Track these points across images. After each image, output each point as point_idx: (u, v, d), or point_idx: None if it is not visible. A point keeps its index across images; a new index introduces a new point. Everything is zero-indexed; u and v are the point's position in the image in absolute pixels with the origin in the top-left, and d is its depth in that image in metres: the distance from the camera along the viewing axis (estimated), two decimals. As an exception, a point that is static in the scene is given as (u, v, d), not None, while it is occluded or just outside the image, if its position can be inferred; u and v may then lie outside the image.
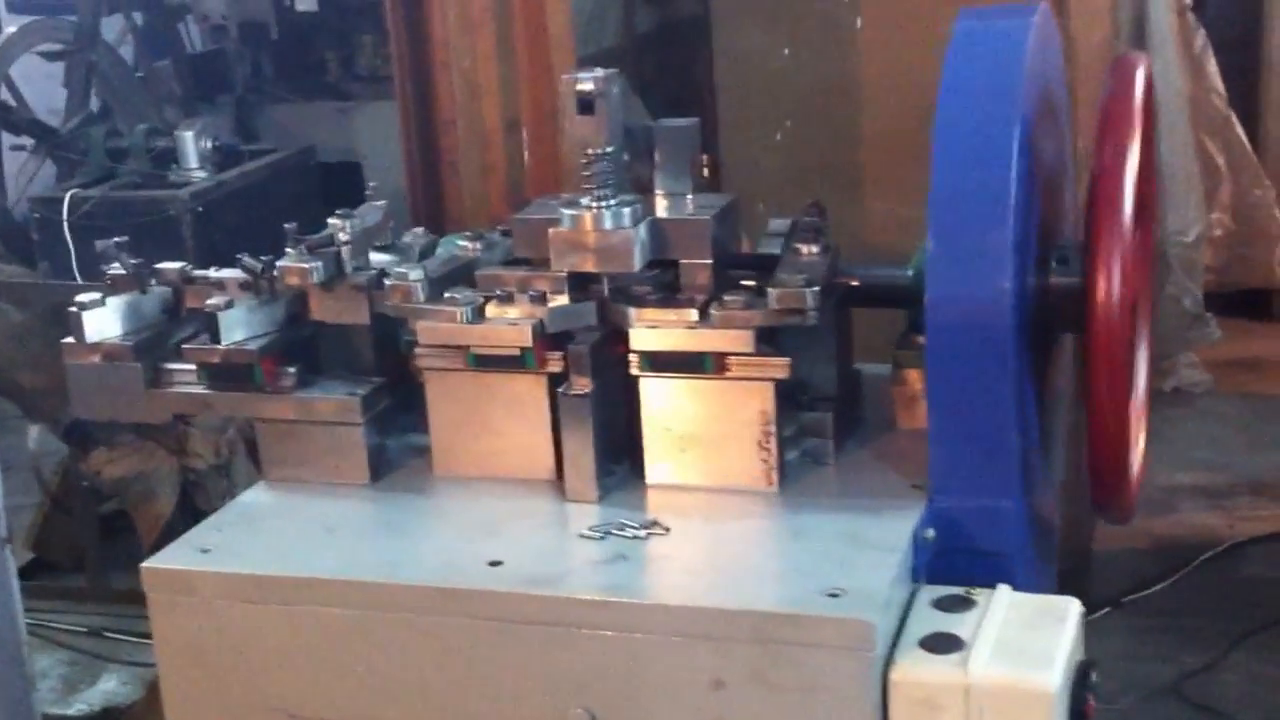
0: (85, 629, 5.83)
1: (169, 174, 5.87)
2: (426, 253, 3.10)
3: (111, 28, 6.65)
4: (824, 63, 5.70)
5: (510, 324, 2.70)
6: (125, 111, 6.27)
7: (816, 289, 2.58)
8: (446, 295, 2.75)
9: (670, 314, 2.66)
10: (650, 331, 2.65)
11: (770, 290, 2.59)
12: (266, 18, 6.63)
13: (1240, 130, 7.73)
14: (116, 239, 3.04)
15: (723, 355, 2.62)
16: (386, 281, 2.79)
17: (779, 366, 2.64)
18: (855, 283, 2.92)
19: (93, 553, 5.84)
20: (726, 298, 2.63)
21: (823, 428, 2.79)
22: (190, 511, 4.70)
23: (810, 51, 5.65)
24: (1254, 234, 7.62)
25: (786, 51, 5.62)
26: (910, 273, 2.93)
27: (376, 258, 3.03)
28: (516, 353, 2.70)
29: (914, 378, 2.88)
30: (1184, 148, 6.87)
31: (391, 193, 5.57)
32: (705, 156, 2.94)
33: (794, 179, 5.48)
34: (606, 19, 6.07)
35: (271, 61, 6.80)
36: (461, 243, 3.00)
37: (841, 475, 2.76)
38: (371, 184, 3.09)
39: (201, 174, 5.80)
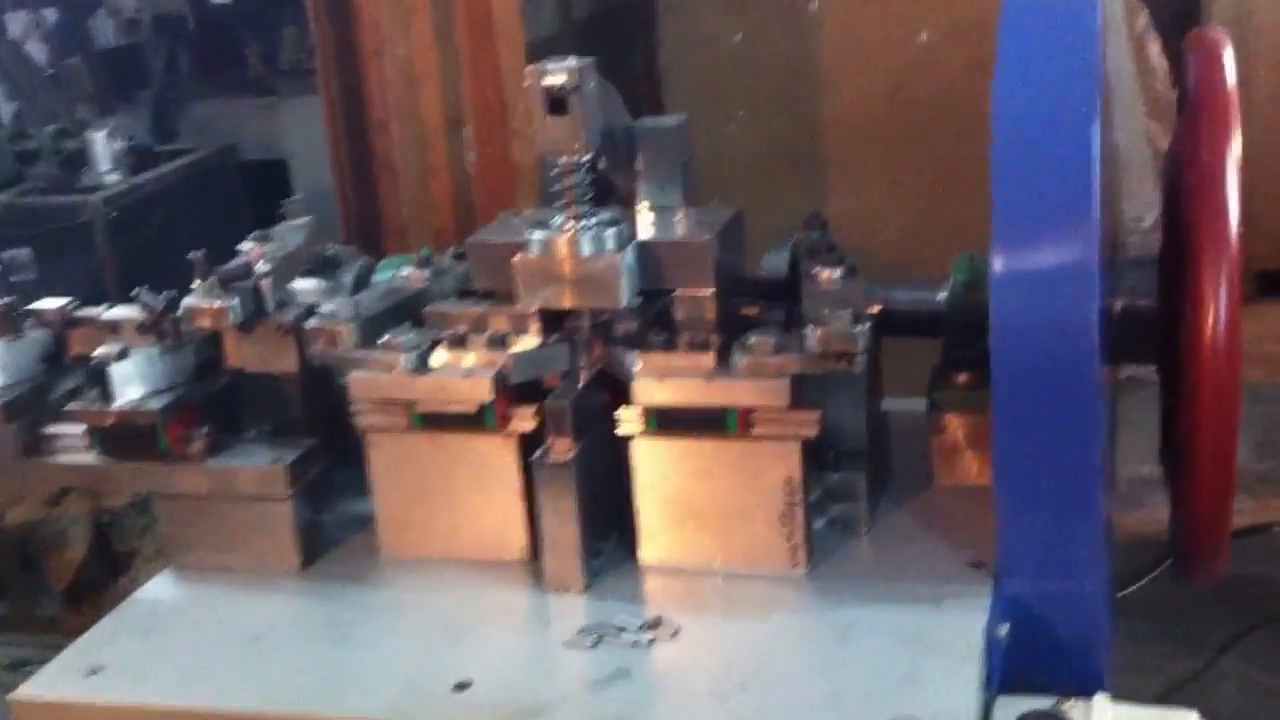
0: (7, 661, 5.10)
1: (80, 178, 5.15)
2: (362, 280, 2.43)
3: (18, 23, 5.88)
4: (780, 46, 5.04)
5: (464, 374, 2.03)
6: (34, 111, 5.53)
7: (867, 327, 1.94)
8: (384, 338, 2.08)
9: (682, 360, 2.02)
10: (658, 383, 1.99)
11: (811, 329, 1.94)
12: (182, 10, 5.91)
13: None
14: (18, 250, 2.31)
15: (748, 411, 1.97)
16: (310, 323, 2.11)
17: (808, 422, 2.00)
18: (876, 309, 2.28)
19: (14, 580, 5.09)
20: (752, 339, 1.98)
21: (854, 490, 2.16)
22: (105, 555, 4.00)
23: (765, 34, 5.00)
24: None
25: (739, 35, 4.96)
26: (944, 295, 2.30)
27: (302, 285, 2.36)
28: (473, 409, 2.04)
29: (955, 425, 2.26)
30: (1138, 132, 6.30)
31: (322, 194, 4.91)
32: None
33: (751, 171, 4.83)
34: (542, 4, 5.39)
35: (189, 56, 6.08)
36: (405, 269, 2.33)
37: (879, 549, 2.13)
38: (292, 197, 2.40)
39: (115, 177, 5.12)
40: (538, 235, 2.08)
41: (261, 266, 2.24)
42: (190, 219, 5.09)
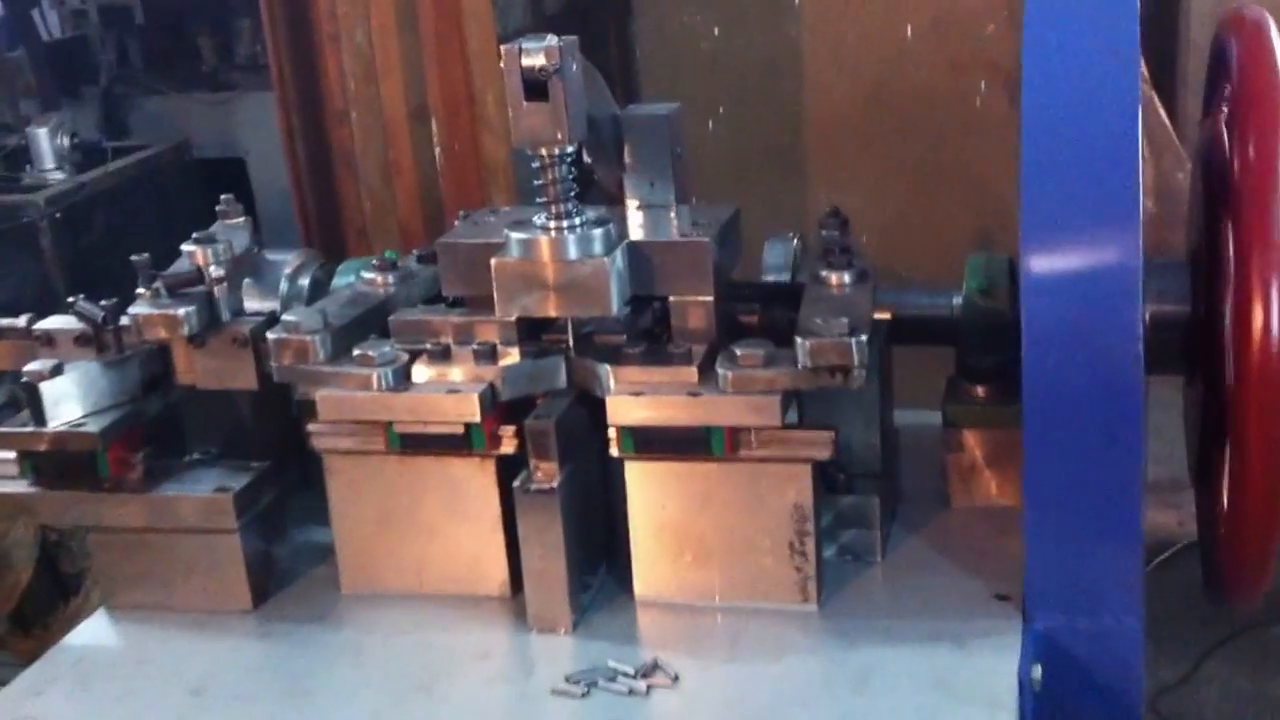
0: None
1: (22, 176, 4.88)
2: (318, 287, 2.21)
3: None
4: (760, 41, 4.84)
5: (449, 391, 1.82)
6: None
7: (864, 338, 1.73)
8: (357, 351, 1.86)
9: (660, 374, 1.82)
10: (633, 400, 1.79)
11: (801, 341, 1.73)
12: (130, 0, 5.62)
13: (1163, 112, 7.00)
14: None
15: (735, 431, 1.76)
16: (271, 335, 1.89)
17: (820, 443, 1.80)
18: (886, 316, 2.08)
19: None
20: (739, 351, 1.77)
21: (867, 515, 1.96)
22: (53, 577, 3.75)
23: (745, 29, 4.80)
24: (1177, 218, 6.91)
25: (717, 30, 4.76)
26: (958, 300, 2.10)
27: (246, 292, 2.14)
28: (459, 430, 1.82)
29: (973, 442, 2.07)
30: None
31: (281, 193, 4.65)
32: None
33: (731, 169, 4.63)
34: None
35: (140, 49, 5.79)
36: (367, 274, 2.10)
37: (895, 580, 1.93)
38: (225, 195, 2.17)
39: (60, 175, 4.84)
40: (517, 236, 1.86)
41: (214, 271, 2.02)
42: (142, 220, 4.82)
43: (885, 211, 4.62)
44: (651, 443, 1.82)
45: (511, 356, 1.89)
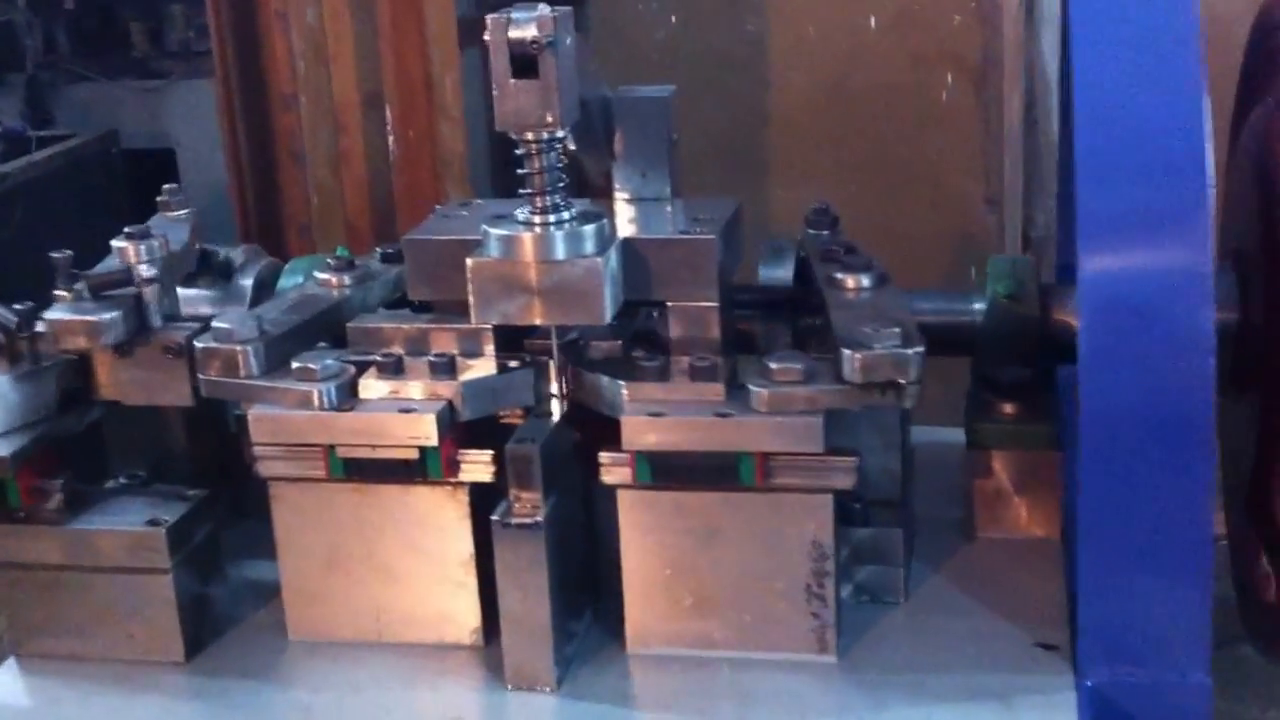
0: None
1: (-60, 165, 4.50)
2: (264, 287, 1.92)
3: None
4: (718, 33, 4.55)
5: (402, 410, 1.53)
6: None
7: (920, 350, 1.47)
8: (296, 363, 1.57)
9: (682, 391, 1.53)
10: (652, 422, 1.51)
11: (848, 354, 1.47)
12: (59, -17, 5.27)
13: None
14: None
15: (768, 458, 1.49)
16: (198, 344, 1.60)
17: (841, 470, 1.53)
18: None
19: None
20: (773, 365, 1.50)
21: (888, 550, 1.71)
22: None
23: (699, 21, 4.51)
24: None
25: (674, 19, 4.47)
26: (979, 306, 1.85)
27: (185, 294, 1.85)
28: (413, 455, 1.55)
29: (1002, 465, 1.82)
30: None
31: (215, 188, 4.32)
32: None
33: (686, 165, 4.31)
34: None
35: (67, 34, 5.43)
36: (320, 274, 1.81)
37: (921, 625, 1.67)
38: (167, 185, 1.89)
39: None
40: (497, 232, 1.58)
41: (144, 270, 1.72)
42: (66, 213, 4.47)
43: (845, 210, 4.36)
44: (671, 471, 1.55)
45: (475, 369, 1.61)
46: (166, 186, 2.00)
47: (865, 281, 1.70)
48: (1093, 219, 1.49)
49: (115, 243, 1.81)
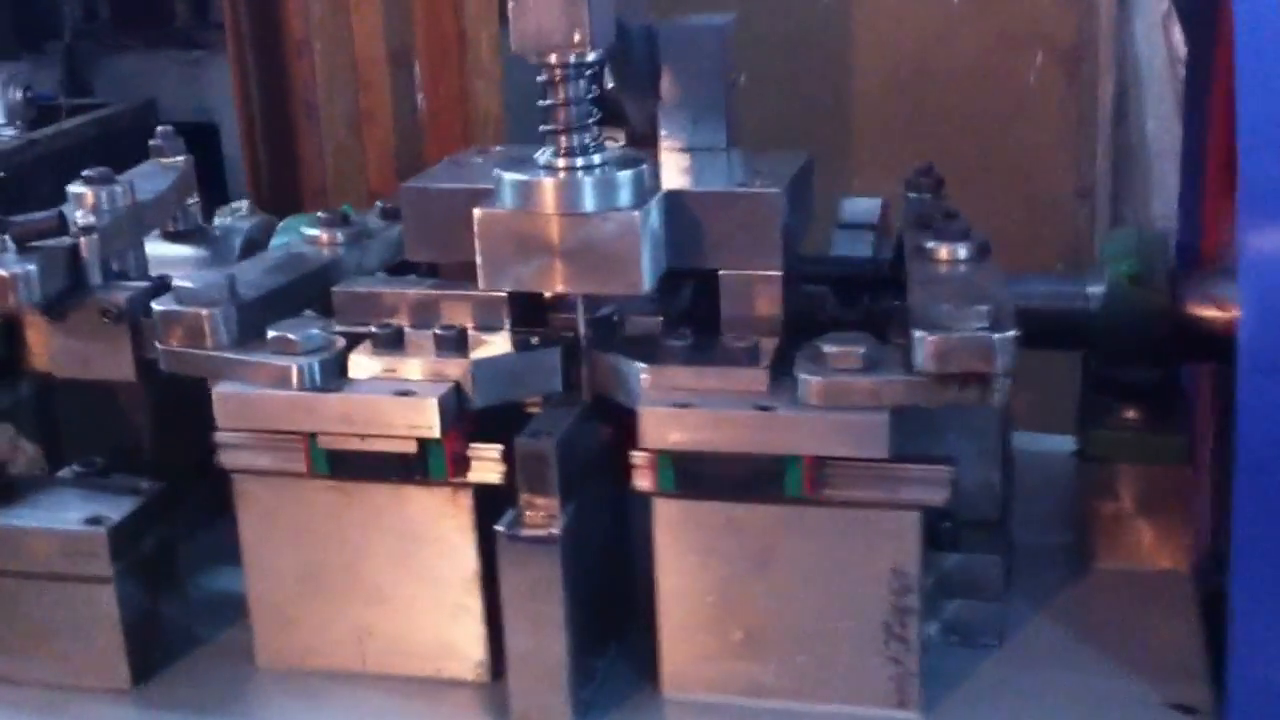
0: None
1: (-34, 131, 4.29)
2: (254, 245, 1.65)
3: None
4: (790, 10, 4.25)
5: (399, 393, 1.23)
6: (-78, 60, 4.67)
7: (1012, 335, 1.16)
8: (273, 333, 1.28)
9: (715, 377, 1.24)
10: (676, 415, 1.21)
11: (920, 336, 1.16)
12: (100, -49, 5.08)
13: (1204, 106, 6.44)
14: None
15: (821, 464, 1.18)
16: (157, 307, 1.31)
17: (933, 482, 1.22)
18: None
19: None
20: (827, 348, 1.20)
21: (982, 580, 1.40)
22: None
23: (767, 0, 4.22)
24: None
25: (737, -1, 4.14)
26: (1096, 290, 1.54)
27: (166, 252, 1.58)
28: (411, 448, 1.25)
29: (1126, 483, 1.49)
30: (1170, 120, 5.56)
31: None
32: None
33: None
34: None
35: (108, 2, 5.22)
36: (310, 230, 1.53)
37: (1023, 676, 1.37)
38: (161, 127, 1.63)
39: (10, 131, 4.28)
40: (512, 177, 1.29)
41: (82, 218, 1.44)
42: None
43: (923, 201, 4.06)
44: (700, 477, 1.26)
45: (490, 346, 1.32)
46: (160, 129, 1.75)
47: (960, 253, 1.39)
48: (1259, 191, 1.17)
49: (72, 188, 1.55)
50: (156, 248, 1.68)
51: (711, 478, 1.25)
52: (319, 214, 1.56)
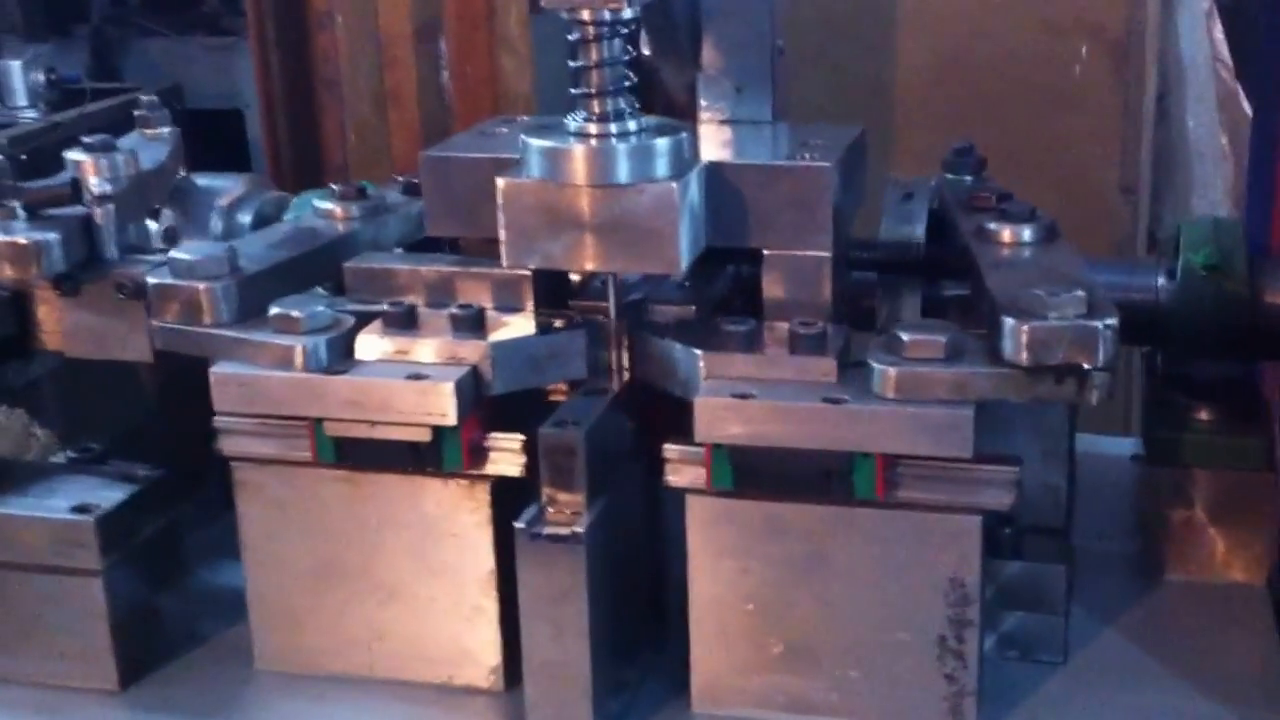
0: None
1: (-11, 112, 4.20)
2: (267, 219, 1.54)
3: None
4: (825, -1, 4.11)
5: (411, 376, 1.12)
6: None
7: (1114, 325, 1.04)
8: (276, 310, 1.17)
9: (778, 367, 1.12)
10: (739, 406, 1.09)
11: (1011, 324, 1.05)
12: (128, -67, 4.98)
13: (1246, 105, 6.28)
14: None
15: (894, 462, 1.07)
16: (152, 280, 1.21)
17: (998, 484, 1.11)
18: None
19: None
20: (906, 336, 1.08)
21: (1047, 592, 1.29)
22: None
23: (820, -28, 4.10)
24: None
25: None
26: (1166, 282, 1.42)
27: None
28: (424, 437, 1.14)
29: (1196, 488, 1.37)
30: (1211, 119, 5.42)
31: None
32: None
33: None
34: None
35: (136, -14, 5.14)
36: (324, 203, 1.42)
37: (1089, 696, 1.25)
38: (146, 98, 1.55)
39: (32, 114, 4.16)
40: (540, 144, 1.17)
41: (95, 185, 1.34)
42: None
43: (964, 195, 3.92)
44: (761, 474, 1.14)
45: (510, 327, 1.21)
46: (145, 99, 1.64)
47: (1027, 235, 1.28)
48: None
49: (69, 154, 1.45)
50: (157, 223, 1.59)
51: (772, 475, 1.14)
52: (333, 185, 1.45)
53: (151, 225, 1.53)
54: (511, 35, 2.34)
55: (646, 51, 1.40)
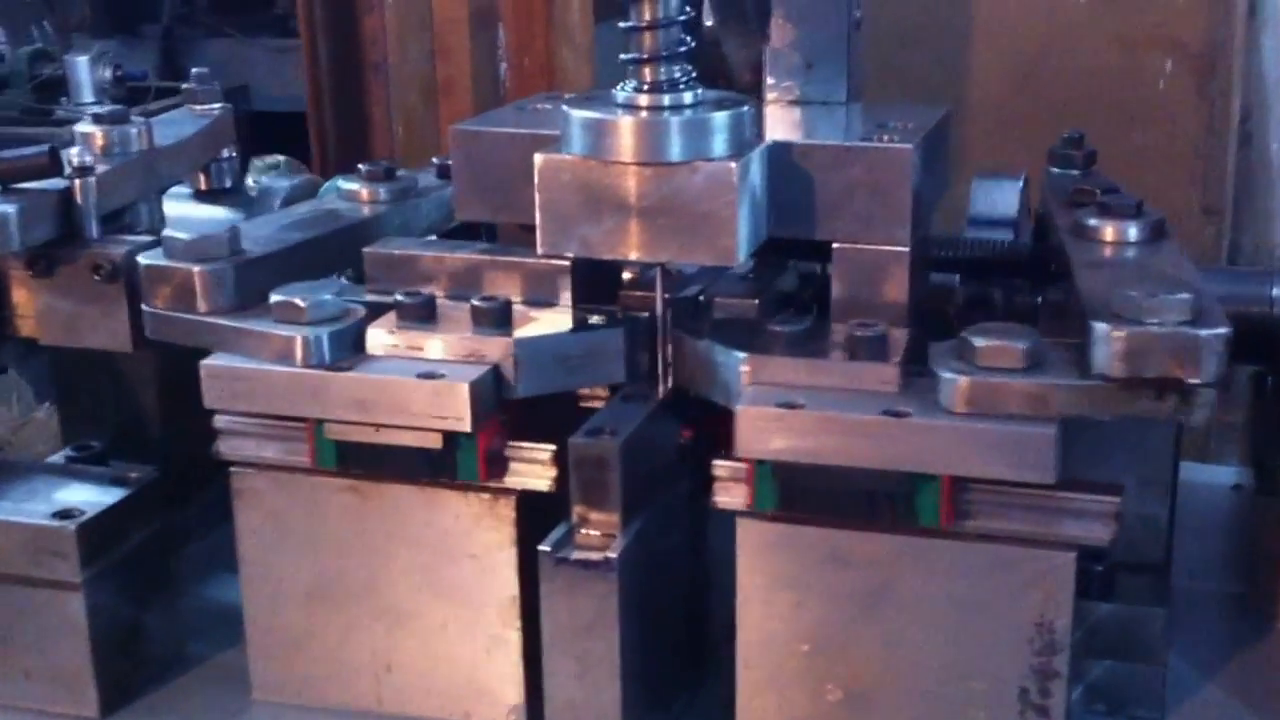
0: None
1: (56, 109, 4.13)
2: (298, 200, 1.41)
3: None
4: (899, 5, 3.93)
5: (423, 375, 0.96)
6: (17, 40, 4.55)
7: (1225, 334, 0.87)
8: (277, 297, 1.02)
9: (833, 373, 0.95)
10: (783, 416, 0.93)
11: (1101, 330, 0.87)
12: (200, -63, 4.92)
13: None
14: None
15: (964, 486, 0.90)
16: (143, 261, 1.06)
17: (1097, 515, 0.93)
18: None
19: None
20: (978, 342, 0.91)
21: (1144, 638, 1.11)
22: None
23: (872, -6, 3.86)
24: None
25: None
26: None
27: (192, 212, 1.35)
28: (435, 443, 0.98)
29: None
30: (1293, 142, 5.18)
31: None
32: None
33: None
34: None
35: (206, -12, 5.06)
36: (349, 184, 1.27)
37: None
38: (196, 70, 1.42)
39: (97, 110, 4.04)
40: (582, 116, 1.01)
41: (80, 157, 1.20)
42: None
43: (1039, 214, 3.72)
44: (808, 495, 0.97)
45: (540, 323, 1.05)
46: (196, 71, 1.52)
47: (1133, 233, 1.10)
48: None
49: (80, 126, 1.31)
50: (183, 207, 1.45)
51: (822, 496, 0.98)
52: (360, 166, 1.30)
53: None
54: (571, 25, 2.18)
55: (709, 22, 1.25)
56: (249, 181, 1.54)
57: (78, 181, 1.17)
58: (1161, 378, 0.90)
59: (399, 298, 1.07)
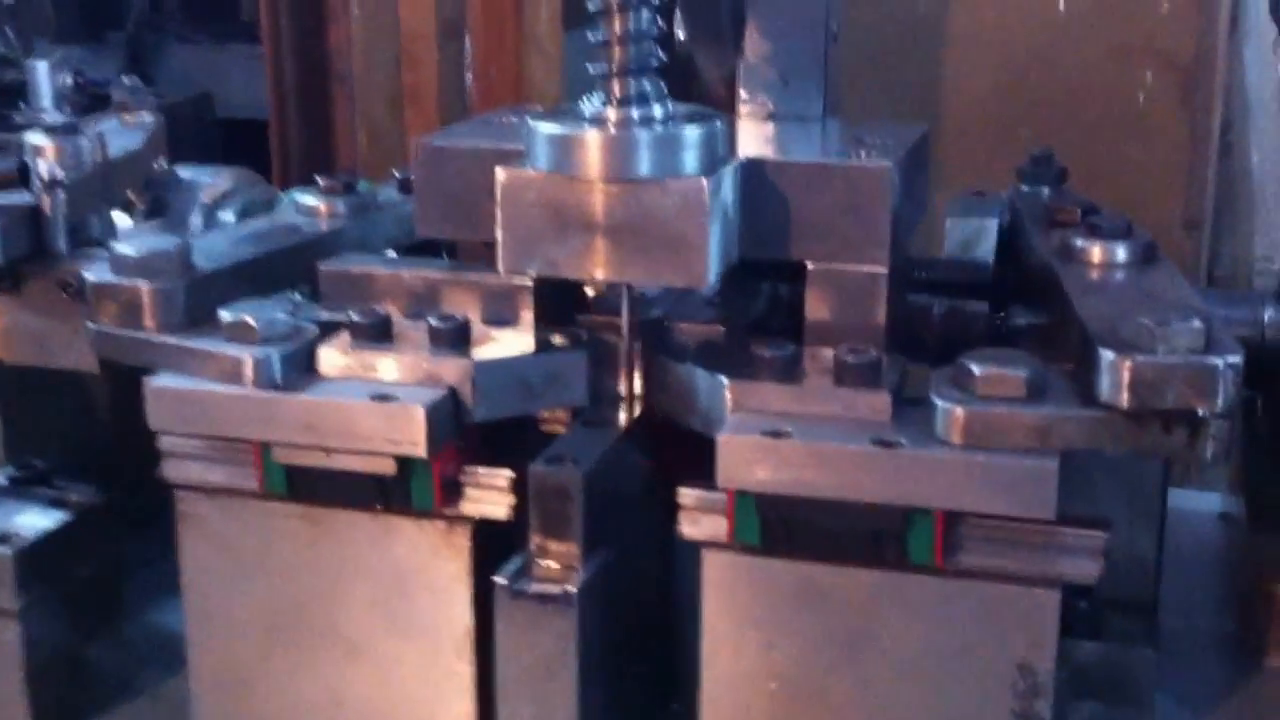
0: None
1: (14, 115, 4.05)
2: (251, 215, 1.38)
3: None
4: (883, 13, 3.90)
5: (376, 396, 0.93)
6: (-20, 42, 4.47)
7: (1237, 364, 0.84)
8: (227, 315, 0.98)
9: (820, 401, 0.93)
10: (770, 445, 0.89)
11: (1109, 358, 0.84)
12: (166, -62, 4.88)
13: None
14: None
15: (954, 521, 0.86)
16: (90, 278, 1.02)
17: (1083, 551, 0.91)
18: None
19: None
20: (977, 368, 0.88)
21: (1132, 679, 1.08)
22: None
23: (854, 6, 3.85)
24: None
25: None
26: (1276, 314, 1.21)
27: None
28: (388, 468, 0.96)
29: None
30: (1275, 154, 5.20)
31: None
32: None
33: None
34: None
35: (173, -8, 5.03)
36: (307, 199, 1.23)
37: None
38: (127, 77, 1.40)
39: (56, 117, 4.00)
40: (548, 130, 0.98)
41: (45, 168, 1.16)
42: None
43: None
44: (795, 530, 0.94)
45: (499, 343, 1.01)
46: (127, 79, 1.48)
47: (1122, 254, 1.08)
48: None
49: (29, 137, 1.28)
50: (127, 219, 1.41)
51: (808, 531, 0.94)
52: (318, 178, 1.27)
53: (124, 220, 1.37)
54: (541, 35, 2.15)
55: (681, 36, 1.22)
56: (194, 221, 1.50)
57: (46, 196, 1.14)
58: (1173, 409, 0.87)
59: (353, 316, 1.03)
